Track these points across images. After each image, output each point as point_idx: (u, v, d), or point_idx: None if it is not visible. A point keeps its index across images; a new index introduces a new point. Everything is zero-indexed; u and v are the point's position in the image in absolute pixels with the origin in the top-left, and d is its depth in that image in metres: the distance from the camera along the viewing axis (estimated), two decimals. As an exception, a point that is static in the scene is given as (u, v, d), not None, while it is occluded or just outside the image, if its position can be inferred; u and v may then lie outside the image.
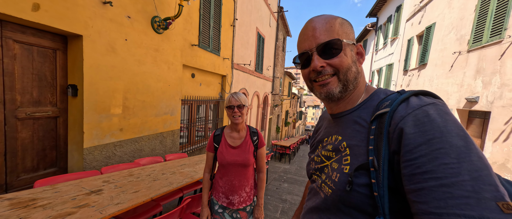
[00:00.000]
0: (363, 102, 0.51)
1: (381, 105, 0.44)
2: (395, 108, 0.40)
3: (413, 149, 0.34)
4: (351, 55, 0.49)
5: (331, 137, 0.55)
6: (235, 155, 1.19)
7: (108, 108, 2.46)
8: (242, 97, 1.21)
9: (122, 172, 1.57)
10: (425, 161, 0.32)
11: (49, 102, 2.17)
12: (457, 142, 0.31)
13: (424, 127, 0.34)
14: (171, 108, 3.47)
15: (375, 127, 0.42)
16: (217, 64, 4.78)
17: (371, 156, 0.41)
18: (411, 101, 0.40)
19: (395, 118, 0.39)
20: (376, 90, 0.52)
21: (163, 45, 3.18)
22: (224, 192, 1.20)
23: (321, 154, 0.56)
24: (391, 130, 0.39)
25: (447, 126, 0.33)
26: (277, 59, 10.51)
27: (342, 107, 0.53)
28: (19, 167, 1.99)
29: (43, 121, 2.14)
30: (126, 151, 2.74)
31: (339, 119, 0.54)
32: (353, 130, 0.48)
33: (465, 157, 0.30)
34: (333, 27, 0.48)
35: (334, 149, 0.51)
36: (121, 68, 2.56)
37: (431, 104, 0.38)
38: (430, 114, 0.35)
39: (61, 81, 2.24)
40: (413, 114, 0.37)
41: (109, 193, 1.16)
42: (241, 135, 1.24)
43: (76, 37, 2.18)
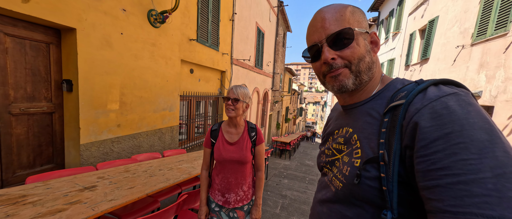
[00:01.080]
0: (378, 92, 0.47)
1: (396, 96, 0.41)
2: (411, 99, 0.37)
3: (429, 143, 0.31)
4: (365, 44, 0.46)
5: (342, 130, 0.53)
6: (231, 152, 1.15)
7: (104, 103, 2.41)
8: (242, 91, 1.15)
9: (118, 168, 1.53)
10: (442, 157, 0.29)
11: (44, 97, 2.13)
12: (480, 136, 0.28)
13: (442, 120, 0.31)
14: (170, 104, 3.42)
15: (388, 120, 0.40)
16: (216, 60, 4.71)
17: (381, 149, 0.39)
18: (429, 92, 0.36)
19: (410, 111, 0.36)
20: (393, 80, 0.48)
21: (160, 39, 3.11)
22: (220, 190, 1.16)
23: (332, 147, 0.55)
24: (404, 124, 0.36)
25: (469, 118, 0.30)
26: (277, 54, 10.41)
27: (355, 98, 0.50)
28: (14, 163, 1.96)
29: (38, 116, 2.10)
30: (124, 147, 2.71)
31: (351, 110, 0.51)
32: (365, 122, 0.46)
33: (488, 152, 0.27)
34: (344, 16, 0.45)
35: (346, 142, 0.50)
36: (117, 63, 2.51)
37: (452, 94, 0.34)
38: (450, 106, 0.32)
39: (56, 76, 2.19)
40: (429, 106, 0.33)
41: (103, 189, 1.13)
42: (239, 131, 1.19)
43: (70, 31, 2.11)
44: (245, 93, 1.17)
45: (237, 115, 1.14)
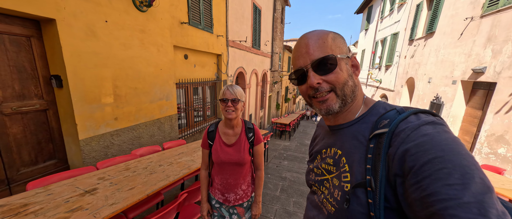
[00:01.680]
0: (362, 116, 0.50)
1: (379, 122, 0.44)
2: (393, 129, 0.40)
3: (417, 171, 0.34)
4: (347, 69, 0.49)
5: (330, 150, 0.55)
6: (229, 154, 1.13)
7: (98, 98, 2.35)
8: (239, 90, 1.11)
9: (118, 166, 1.55)
10: (429, 182, 0.32)
11: (35, 94, 2.07)
12: (460, 162, 0.31)
13: (424, 146, 0.34)
14: (166, 93, 3.35)
15: (373, 146, 0.43)
16: (211, 43, 4.49)
17: (368, 175, 0.42)
18: (409, 121, 0.40)
19: (395, 141, 0.39)
20: (375, 103, 0.51)
21: (149, 25, 2.91)
22: (220, 189, 1.17)
23: (321, 166, 0.57)
24: (391, 153, 0.39)
25: (448, 144, 0.33)
26: (275, 32, 9.92)
27: (340, 119, 0.53)
28: (17, 162, 1.99)
29: (32, 115, 2.06)
30: (124, 139, 2.73)
31: (338, 131, 0.54)
32: (352, 146, 0.48)
33: (469, 178, 0.30)
34: (326, 42, 0.48)
35: (335, 163, 0.52)
36: (105, 54, 2.38)
37: (430, 122, 0.37)
38: (429, 133, 0.35)
39: (43, 71, 2.10)
40: (412, 135, 0.37)
41: (103, 192, 1.15)
42: (236, 132, 1.16)
43: (49, 22, 1.96)
44: (241, 92, 1.12)
45: (237, 116, 1.11)
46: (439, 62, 5.23)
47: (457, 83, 4.56)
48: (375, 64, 10.24)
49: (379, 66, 9.65)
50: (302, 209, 2.56)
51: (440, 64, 5.20)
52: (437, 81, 5.24)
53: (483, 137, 3.77)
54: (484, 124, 3.79)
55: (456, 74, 4.62)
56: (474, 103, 4.37)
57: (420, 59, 6.19)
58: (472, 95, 4.48)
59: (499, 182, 2.16)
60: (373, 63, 10.53)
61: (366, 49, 12.09)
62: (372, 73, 10.23)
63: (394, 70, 8.08)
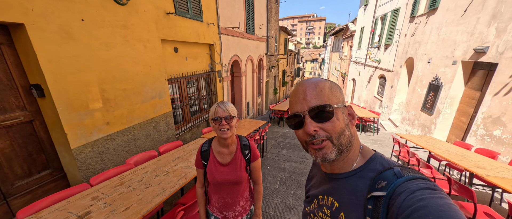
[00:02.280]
0: (359, 169, 0.51)
1: (377, 182, 0.46)
2: (391, 194, 0.42)
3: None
4: (344, 118, 0.49)
5: (327, 198, 0.55)
6: (225, 174, 1.08)
7: (85, 104, 2.25)
8: (231, 107, 1.04)
9: (113, 181, 1.51)
10: None
11: (16, 106, 1.95)
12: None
13: (421, 211, 0.36)
14: (158, 91, 3.23)
15: (371, 208, 0.44)
16: (202, 32, 4.23)
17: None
18: (407, 186, 0.41)
19: (392, 205, 0.40)
20: (372, 156, 0.52)
21: (131, 19, 2.68)
22: (218, 208, 1.15)
23: (318, 214, 0.58)
24: (389, 217, 0.41)
25: (444, 210, 0.34)
26: (270, 13, 9.38)
27: (336, 169, 0.54)
28: (10, 176, 1.95)
29: (17, 127, 1.97)
30: (119, 142, 2.68)
31: (335, 181, 0.54)
32: (350, 202, 0.49)
33: None
34: (323, 91, 0.49)
35: (332, 215, 0.53)
36: (87, 56, 2.21)
37: (426, 188, 0.39)
38: (426, 198, 0.37)
39: (21, 81, 1.96)
40: (408, 200, 0.39)
41: (97, 215, 1.12)
42: (231, 150, 1.10)
43: (18, 27, 1.77)
44: (233, 108, 1.06)
45: (232, 134, 1.05)
46: (440, 41, 5.05)
47: (458, 64, 4.45)
48: (374, 43, 9.91)
49: (378, 45, 9.35)
50: (301, 201, 2.62)
51: (441, 44, 5.02)
52: (437, 62, 5.11)
53: (479, 119, 3.78)
54: (481, 105, 3.78)
55: (457, 54, 4.48)
56: (473, 84, 4.31)
57: (421, 37, 5.97)
58: (471, 76, 4.40)
59: (493, 169, 2.20)
60: (372, 42, 10.19)
61: (365, 27, 11.61)
62: (371, 53, 9.96)
63: (393, 50, 7.85)
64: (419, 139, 3.53)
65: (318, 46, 72.50)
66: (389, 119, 7.73)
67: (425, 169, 2.51)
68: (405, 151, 3.16)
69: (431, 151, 3.03)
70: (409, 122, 6.26)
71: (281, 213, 2.41)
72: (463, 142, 3.49)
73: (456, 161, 2.42)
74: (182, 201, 1.72)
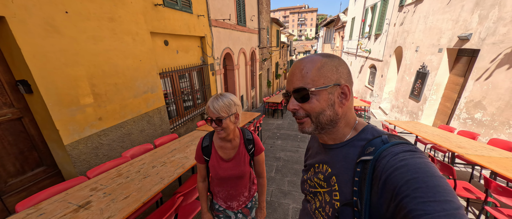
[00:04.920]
0: (351, 139, 0.55)
1: (366, 148, 0.49)
2: (377, 157, 0.46)
3: (397, 192, 0.38)
4: (327, 99, 0.51)
5: (322, 166, 0.60)
6: (229, 170, 1.05)
7: (75, 100, 2.21)
8: (222, 104, 0.92)
9: (110, 173, 1.53)
10: (407, 201, 0.36)
11: (3, 103, 1.90)
12: (433, 182, 0.36)
13: (401, 169, 0.40)
14: (150, 85, 3.19)
15: (359, 170, 0.48)
16: (192, 24, 4.15)
17: (355, 197, 0.48)
18: (391, 150, 0.45)
19: (378, 166, 0.44)
20: (365, 127, 0.55)
21: (118, 11, 2.60)
22: (222, 198, 1.15)
23: (314, 179, 0.63)
24: (375, 178, 0.45)
25: (421, 168, 0.38)
26: (261, 4, 9.24)
27: (330, 140, 0.58)
28: (2, 174, 1.92)
29: (6, 125, 1.93)
30: (113, 138, 2.66)
31: (329, 150, 0.59)
32: (342, 167, 0.54)
33: (441, 197, 0.35)
34: (309, 73, 0.51)
35: (325, 180, 0.58)
36: (73, 50, 2.15)
37: (407, 151, 0.43)
38: (406, 158, 0.41)
39: (6, 77, 1.90)
40: (391, 161, 0.42)
41: (98, 204, 1.15)
42: (234, 145, 1.05)
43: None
44: (227, 104, 0.93)
45: (228, 133, 0.98)
46: (427, 30, 5.19)
47: (443, 51, 4.61)
48: (365, 33, 10.03)
49: (369, 35, 9.48)
50: (296, 187, 2.73)
51: (428, 32, 5.17)
52: (424, 50, 5.26)
53: (462, 103, 3.99)
54: (464, 90, 3.97)
55: (443, 42, 4.63)
56: (457, 71, 4.50)
57: (409, 26, 6.10)
58: (456, 62, 4.58)
59: (472, 149, 2.36)
60: (363, 33, 10.31)
61: (356, 17, 11.68)
62: (362, 43, 10.09)
63: (383, 39, 7.99)
64: (407, 125, 3.69)
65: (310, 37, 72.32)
66: (379, 108, 7.98)
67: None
68: (394, 136, 3.31)
69: (417, 135, 3.19)
70: (398, 110, 6.49)
71: (277, 198, 2.51)
72: (447, 125, 3.68)
73: (440, 143, 2.57)
74: (180, 191, 1.76)
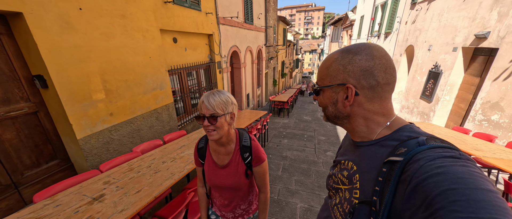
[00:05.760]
0: (383, 138, 0.50)
1: (398, 149, 0.44)
2: (408, 159, 0.40)
3: (430, 202, 0.33)
4: (330, 97, 0.54)
5: (348, 162, 0.58)
6: (223, 178, 0.92)
7: (88, 95, 2.25)
8: (218, 100, 0.79)
9: (122, 167, 1.55)
10: (442, 215, 0.31)
11: (20, 98, 1.96)
12: (476, 196, 0.30)
13: (437, 178, 0.33)
14: (159, 82, 3.22)
15: (386, 170, 0.44)
16: (200, 22, 4.16)
17: (375, 196, 0.44)
18: (426, 154, 0.38)
19: (408, 170, 0.39)
20: (402, 127, 0.49)
21: (129, 8, 2.63)
22: (218, 205, 1.05)
23: (338, 176, 0.61)
24: (402, 182, 0.39)
25: (464, 177, 0.32)
26: (268, 3, 9.18)
27: (357, 138, 0.56)
28: (19, 166, 1.99)
29: (22, 118, 1.99)
30: (123, 133, 2.71)
31: (357, 148, 0.56)
32: (367, 165, 0.50)
33: (484, 214, 0.28)
34: (322, 71, 0.56)
35: (348, 177, 0.56)
36: (87, 47, 2.20)
37: (449, 157, 0.36)
38: (445, 165, 0.34)
39: (23, 72, 1.95)
40: (425, 166, 0.36)
41: (111, 197, 1.16)
42: (228, 150, 0.91)
43: (16, 16, 1.75)
44: (224, 101, 0.80)
45: (221, 136, 0.83)
46: (441, 28, 5.00)
47: (458, 50, 4.44)
48: (374, 31, 9.80)
49: (378, 33, 9.26)
50: (303, 186, 2.70)
51: (442, 30, 4.99)
52: (438, 49, 5.09)
53: (478, 105, 3.83)
54: (481, 91, 3.81)
55: (458, 40, 4.46)
56: (473, 71, 4.33)
57: (422, 25, 5.91)
58: (471, 62, 4.41)
59: (490, 151, 2.26)
60: (372, 31, 10.08)
61: (365, 15, 11.43)
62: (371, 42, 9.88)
63: (393, 38, 7.79)
64: (419, 126, 3.59)
65: (317, 36, 71.45)
66: (388, 108, 7.80)
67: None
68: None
69: (430, 136, 3.09)
70: (408, 111, 6.32)
71: (284, 197, 2.49)
72: (461, 127, 3.55)
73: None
74: (190, 186, 1.77)
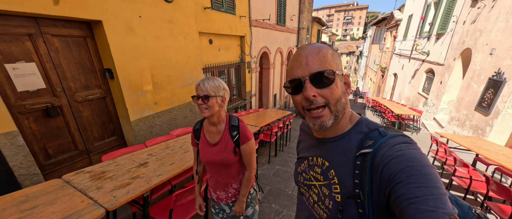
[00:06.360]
0: (347, 132, 0.55)
1: (365, 142, 0.51)
2: (376, 150, 0.47)
3: (392, 179, 0.42)
4: (341, 86, 0.51)
5: (317, 159, 0.60)
6: (214, 154, 1.06)
7: (140, 86, 2.77)
8: (212, 85, 0.97)
9: (161, 145, 1.92)
10: (400, 187, 0.40)
11: (95, 85, 2.56)
12: (425, 170, 0.40)
13: (398, 159, 0.43)
14: (195, 78, 3.66)
15: (360, 163, 0.49)
16: (234, 25, 4.50)
17: (357, 189, 0.49)
18: (388, 142, 0.47)
19: (376, 157, 0.46)
20: (359, 120, 0.56)
21: (175, 14, 3.10)
22: (212, 187, 1.17)
23: (309, 173, 0.63)
24: (374, 169, 0.46)
25: (416, 158, 0.42)
26: (303, 3, 9.11)
27: (328, 134, 0.57)
28: (91, 137, 2.60)
29: (96, 101, 2.59)
30: (163, 120, 3.20)
31: (325, 144, 0.58)
32: (341, 161, 0.54)
33: (430, 183, 0.38)
34: (326, 57, 0.49)
35: (323, 173, 0.58)
36: (142, 47, 2.70)
37: (403, 143, 0.46)
38: (402, 149, 0.44)
39: (98, 66, 2.54)
40: (389, 152, 0.45)
41: (152, 165, 1.50)
42: (219, 130, 1.07)
43: (97, 23, 2.30)
44: (217, 86, 0.99)
45: (212, 114, 1.01)
46: (509, 29, 4.21)
47: (530, 55, 3.68)
48: (424, 32, 8.69)
49: (429, 35, 8.18)
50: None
51: (509, 31, 4.19)
52: (502, 53, 4.29)
53: (554, 122, 3.13)
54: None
55: (531, 43, 3.70)
56: (551, 80, 3.53)
57: (484, 25, 5.05)
58: (550, 69, 3.60)
59: (554, 176, 1.89)
60: (421, 32, 8.96)
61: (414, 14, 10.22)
62: (419, 44, 8.79)
63: (446, 40, 6.80)
64: (464, 140, 3.14)
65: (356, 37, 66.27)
66: (434, 119, 6.86)
67: (461, 168, 2.29)
68: (443, 150, 2.89)
69: (477, 153, 2.70)
70: (458, 123, 5.47)
71: (299, 195, 2.57)
72: (524, 147, 2.97)
73: (504, 164, 2.14)
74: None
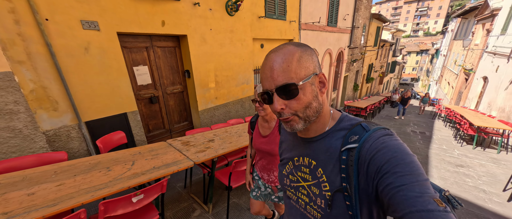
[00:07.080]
0: (331, 129, 0.56)
1: (349, 137, 0.52)
2: (361, 144, 0.49)
3: (379, 170, 0.44)
4: (311, 90, 0.50)
5: (303, 159, 0.61)
6: (263, 144, 1.28)
7: (207, 84, 3.54)
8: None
9: (221, 129, 2.52)
10: (387, 177, 0.42)
11: (178, 82, 3.47)
12: (408, 159, 0.43)
13: (383, 151, 0.45)
14: (246, 79, 4.26)
15: (346, 158, 0.50)
16: (284, 29, 4.87)
17: (344, 183, 0.50)
18: (372, 136, 0.49)
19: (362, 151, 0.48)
20: (340, 117, 0.58)
21: (236, 25, 3.74)
22: (259, 168, 1.39)
23: (296, 174, 0.63)
24: (361, 162, 0.48)
25: (399, 148, 0.45)
26: (360, 1, 8.52)
27: (311, 133, 0.58)
28: (172, 121, 3.54)
29: (177, 94, 3.50)
30: (221, 112, 3.93)
31: (310, 143, 0.59)
32: (327, 158, 0.55)
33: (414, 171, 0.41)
34: (290, 66, 0.48)
35: (311, 173, 0.58)
36: (210, 53, 3.45)
37: (386, 135, 0.49)
38: (385, 141, 0.47)
39: (181, 68, 3.43)
40: (374, 144, 0.47)
41: (218, 142, 2.07)
42: (270, 126, 1.28)
43: (184, 37, 3.15)
44: None
45: (266, 114, 1.23)
46: None
47: None
48: (535, 24, 6.57)
49: (542, 27, 6.16)
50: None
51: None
52: None
53: None
54: None
55: None
56: None
57: None
58: None
59: None
60: (531, 24, 6.79)
61: (520, 1, 7.81)
62: None
63: None
64: None
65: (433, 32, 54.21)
66: (540, 139, 5.20)
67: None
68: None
69: None
70: None
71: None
72: None
73: None
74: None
